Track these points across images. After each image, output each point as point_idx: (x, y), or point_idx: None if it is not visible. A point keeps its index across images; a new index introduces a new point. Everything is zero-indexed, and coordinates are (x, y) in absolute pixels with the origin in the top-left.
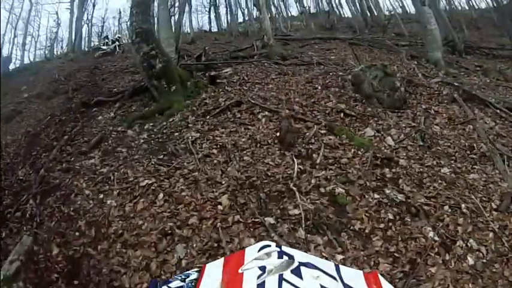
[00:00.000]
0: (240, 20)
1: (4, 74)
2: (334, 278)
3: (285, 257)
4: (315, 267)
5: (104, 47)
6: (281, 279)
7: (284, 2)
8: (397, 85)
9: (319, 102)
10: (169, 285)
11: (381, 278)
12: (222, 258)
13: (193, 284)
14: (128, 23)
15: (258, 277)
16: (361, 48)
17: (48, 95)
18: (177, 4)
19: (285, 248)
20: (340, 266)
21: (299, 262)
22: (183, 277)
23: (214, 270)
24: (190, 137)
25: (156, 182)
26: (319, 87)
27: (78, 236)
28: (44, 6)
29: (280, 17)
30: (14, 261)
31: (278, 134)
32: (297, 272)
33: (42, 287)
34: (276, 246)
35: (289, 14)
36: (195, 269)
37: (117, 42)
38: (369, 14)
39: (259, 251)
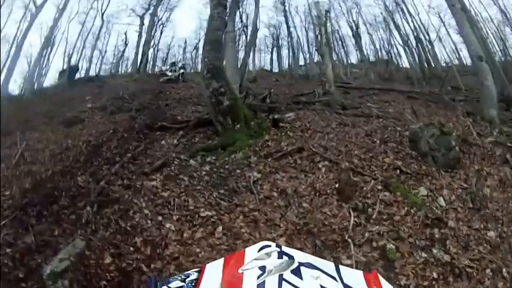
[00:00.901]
0: (301, 62)
1: (70, 81)
2: (334, 278)
3: (285, 257)
4: (315, 268)
5: (169, 74)
6: (281, 279)
7: (344, 49)
8: (453, 144)
9: (377, 157)
10: (169, 285)
11: (381, 278)
12: (222, 258)
13: (193, 284)
14: (193, 53)
15: (258, 277)
16: (418, 102)
17: (111, 110)
18: (242, 42)
19: (285, 248)
20: (340, 266)
21: (299, 262)
22: (183, 277)
23: (214, 270)
24: (252, 177)
25: (216, 215)
26: (378, 142)
27: (132, 251)
28: (114, 26)
29: (340, 64)
30: (64, 259)
31: (337, 185)
32: (297, 272)
33: None
34: (276, 246)
35: (349, 61)
36: (195, 269)
37: (182, 70)
38: (426, 66)
39: (259, 251)
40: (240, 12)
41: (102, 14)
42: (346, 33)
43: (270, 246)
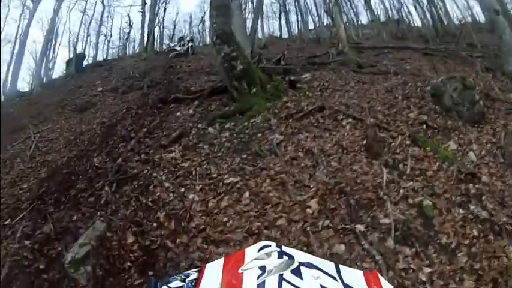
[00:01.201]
0: (311, 26)
1: (78, 69)
2: (334, 278)
3: (285, 257)
4: (315, 267)
5: (178, 48)
6: (281, 279)
7: (354, 10)
8: (477, 98)
9: (400, 112)
10: (169, 285)
11: (381, 278)
12: (222, 258)
13: (193, 284)
14: (199, 27)
15: (258, 277)
16: (435, 58)
17: (123, 90)
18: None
19: (285, 248)
20: (340, 266)
21: (299, 262)
22: (183, 277)
23: (214, 270)
24: (274, 139)
25: (241, 181)
26: (400, 97)
27: (156, 227)
28: (116, 9)
29: (351, 25)
30: (84, 244)
31: (365, 142)
32: (297, 272)
33: (113, 274)
34: (276, 246)
35: (359, 22)
36: (195, 269)
37: (191, 43)
38: (439, 23)
39: (259, 251)
40: None
41: None
42: None
43: (270, 246)
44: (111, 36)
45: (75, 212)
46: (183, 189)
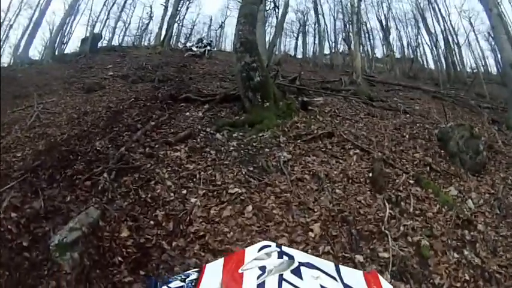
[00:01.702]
0: (326, 51)
1: (92, 49)
2: (334, 278)
3: (285, 257)
4: (315, 268)
5: (195, 49)
6: (281, 279)
7: (371, 42)
8: (481, 149)
9: (407, 151)
10: (169, 285)
11: (381, 278)
12: (222, 258)
13: (193, 284)
14: (218, 31)
15: (258, 277)
16: (444, 103)
17: (133, 79)
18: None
19: (285, 248)
20: (340, 266)
21: (299, 262)
22: (183, 277)
23: (214, 270)
24: (282, 157)
25: (246, 193)
26: (407, 136)
27: (153, 225)
28: None
29: (366, 57)
30: (74, 229)
31: (371, 174)
32: (297, 272)
33: (101, 266)
34: (276, 246)
35: (374, 55)
36: (195, 269)
37: (208, 47)
38: (452, 69)
39: (259, 251)
40: None
41: None
42: (374, 27)
43: (270, 246)
44: (129, 24)
45: (69, 193)
46: (185, 191)
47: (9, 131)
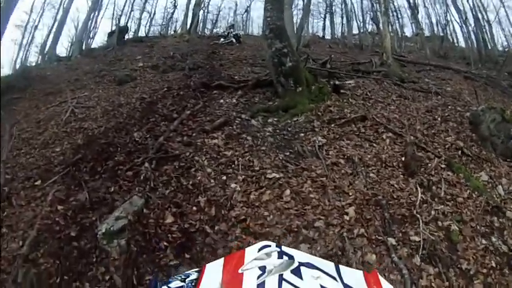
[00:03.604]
0: (355, 31)
1: (119, 42)
2: (334, 278)
3: (285, 257)
4: (315, 267)
5: (222, 39)
6: (281, 279)
7: (400, 22)
8: None
9: (439, 134)
10: (170, 285)
11: (381, 278)
12: (222, 258)
13: (193, 284)
14: (244, 16)
15: (258, 277)
16: (475, 84)
17: (163, 69)
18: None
19: (285, 248)
20: (340, 266)
21: (299, 262)
22: (183, 277)
23: (214, 270)
24: (317, 141)
25: (283, 178)
26: (439, 119)
27: (195, 210)
28: None
29: (395, 36)
30: (120, 218)
31: (403, 158)
32: (297, 272)
33: (147, 251)
34: (276, 246)
35: (403, 34)
36: (195, 269)
37: (234, 39)
38: (483, 47)
39: (259, 251)
40: None
41: None
42: (401, 4)
43: (270, 246)
44: (154, 14)
45: (112, 184)
46: (224, 177)
47: (45, 127)
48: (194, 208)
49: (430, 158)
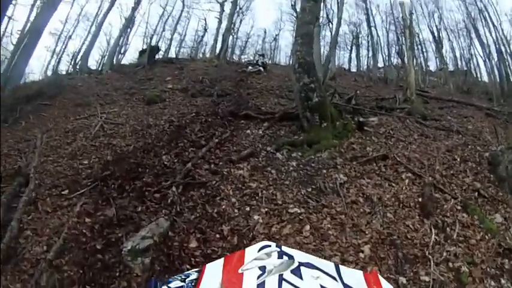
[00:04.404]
0: (380, 64)
1: (150, 61)
2: (334, 278)
3: (285, 257)
4: (315, 268)
5: (250, 67)
6: (281, 279)
7: (424, 55)
8: None
9: (457, 175)
10: (169, 285)
11: (381, 278)
12: (222, 258)
13: (193, 284)
14: (272, 44)
15: (258, 277)
16: (496, 121)
17: (192, 93)
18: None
19: (285, 248)
20: (340, 266)
21: (299, 262)
22: (183, 277)
23: (214, 270)
24: (338, 179)
25: (304, 213)
26: (458, 160)
27: (219, 238)
28: (194, 11)
29: (419, 70)
30: (146, 237)
31: (420, 199)
32: (297, 272)
33: (170, 271)
34: (276, 246)
35: (428, 68)
36: (195, 269)
37: (262, 68)
38: (505, 81)
39: (259, 251)
40: (324, 6)
41: None
42: (426, 38)
43: (270, 246)
44: (185, 35)
45: (139, 204)
46: (248, 208)
47: (74, 138)
48: (217, 236)
49: (446, 199)
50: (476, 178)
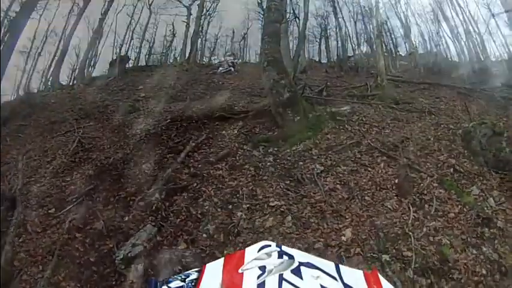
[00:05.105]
0: (350, 53)
1: (121, 71)
2: (334, 278)
3: (285, 257)
4: (315, 267)
5: (221, 68)
6: (281, 279)
7: (393, 41)
8: (503, 145)
9: (431, 154)
10: (169, 285)
11: (381, 278)
12: (222, 258)
13: (193, 284)
14: (241, 43)
15: (258, 277)
16: (469, 99)
17: (165, 99)
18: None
19: (285, 248)
20: (340, 265)
21: (299, 262)
22: (183, 277)
23: (214, 270)
24: (315, 169)
25: (285, 205)
26: (432, 139)
27: (205, 237)
28: (162, 16)
29: (389, 56)
30: (136, 245)
31: (396, 180)
32: (297, 272)
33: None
34: (276, 246)
35: (398, 53)
36: (195, 269)
37: (232, 68)
38: (475, 60)
39: (259, 251)
40: (291, 2)
41: (150, 5)
42: (394, 25)
43: (270, 246)
44: (153, 42)
45: (125, 213)
46: (230, 206)
47: (53, 157)
48: (204, 235)
49: (422, 178)
50: (450, 155)
